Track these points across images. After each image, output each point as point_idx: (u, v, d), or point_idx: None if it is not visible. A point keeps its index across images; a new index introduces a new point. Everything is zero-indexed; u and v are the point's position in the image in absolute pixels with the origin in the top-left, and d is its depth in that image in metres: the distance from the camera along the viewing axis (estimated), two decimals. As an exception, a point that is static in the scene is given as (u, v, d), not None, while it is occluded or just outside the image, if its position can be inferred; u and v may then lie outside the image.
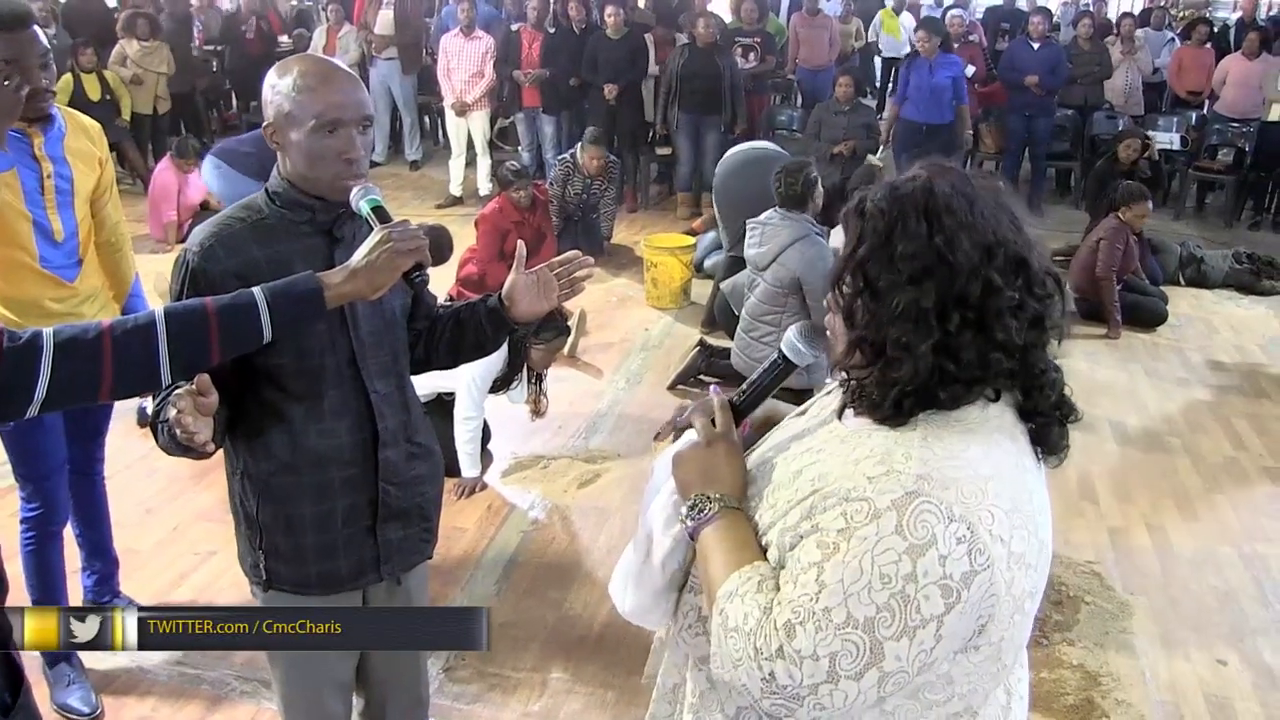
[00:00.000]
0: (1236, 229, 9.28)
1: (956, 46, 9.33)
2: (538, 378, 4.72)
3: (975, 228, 1.28)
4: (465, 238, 6.70)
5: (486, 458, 4.72)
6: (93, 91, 8.79)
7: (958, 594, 1.20)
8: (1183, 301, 7.33)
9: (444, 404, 4.45)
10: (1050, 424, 1.36)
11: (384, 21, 9.87)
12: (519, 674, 3.36)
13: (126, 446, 4.50)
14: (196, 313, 1.72)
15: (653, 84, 9.12)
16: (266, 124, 1.95)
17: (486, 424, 4.65)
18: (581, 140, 7.74)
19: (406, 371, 2.18)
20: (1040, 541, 1.29)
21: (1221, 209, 9.63)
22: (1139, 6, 15.40)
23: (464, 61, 8.97)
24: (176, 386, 1.73)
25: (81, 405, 1.80)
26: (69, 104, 3.60)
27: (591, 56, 8.86)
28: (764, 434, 1.61)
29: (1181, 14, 13.24)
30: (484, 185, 9.25)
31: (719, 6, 11.10)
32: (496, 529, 4.26)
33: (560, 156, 8.06)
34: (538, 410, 4.78)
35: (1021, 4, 13.06)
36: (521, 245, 2.17)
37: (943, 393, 1.29)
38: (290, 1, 12.89)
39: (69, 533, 3.20)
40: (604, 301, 6.96)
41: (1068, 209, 9.46)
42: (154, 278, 5.13)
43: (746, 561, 1.34)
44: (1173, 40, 10.85)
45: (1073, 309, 6.70)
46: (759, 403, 1.56)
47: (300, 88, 1.88)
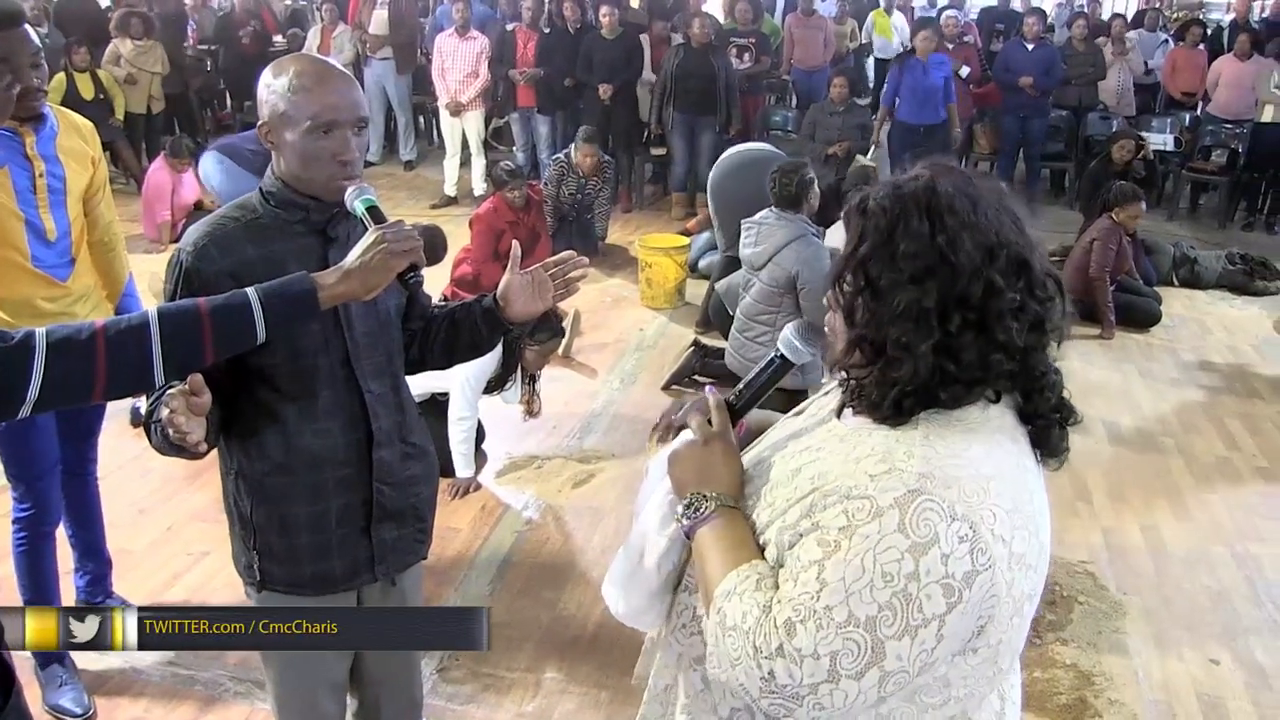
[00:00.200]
0: (1230, 230, 9.31)
1: (951, 47, 9.34)
2: (531, 378, 4.72)
3: (978, 228, 1.27)
4: (460, 238, 6.71)
5: (481, 458, 4.71)
6: (86, 91, 8.77)
7: (959, 593, 1.19)
8: (1176, 302, 7.35)
9: (438, 404, 4.45)
10: (1050, 426, 1.35)
11: (379, 21, 9.86)
12: (513, 674, 3.36)
13: (120, 447, 4.49)
14: (190, 313, 1.71)
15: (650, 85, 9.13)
16: (261, 123, 1.95)
17: (481, 424, 4.65)
18: (575, 139, 7.74)
19: (401, 372, 2.18)
20: (1040, 543, 1.28)
21: (1215, 210, 9.65)
22: (1133, 8, 15.44)
23: (459, 61, 8.96)
24: (170, 386, 1.72)
25: (74, 406, 1.80)
26: (62, 103, 3.59)
27: (586, 56, 8.86)
28: (758, 437, 1.60)
29: (1175, 15, 13.27)
30: (479, 185, 9.24)
31: (713, 7, 11.10)
32: (490, 529, 4.25)
33: (555, 156, 8.06)
34: (531, 410, 4.77)
35: (1016, 5, 13.06)
36: (516, 245, 2.16)
37: (943, 393, 1.29)
38: (285, 1, 12.86)
39: (61, 533, 3.19)
40: (598, 302, 6.95)
41: (1062, 210, 9.47)
42: (148, 277, 5.11)
43: (744, 560, 1.33)
44: (1166, 42, 10.87)
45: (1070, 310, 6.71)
46: (756, 402, 1.55)
47: (295, 88, 1.88)
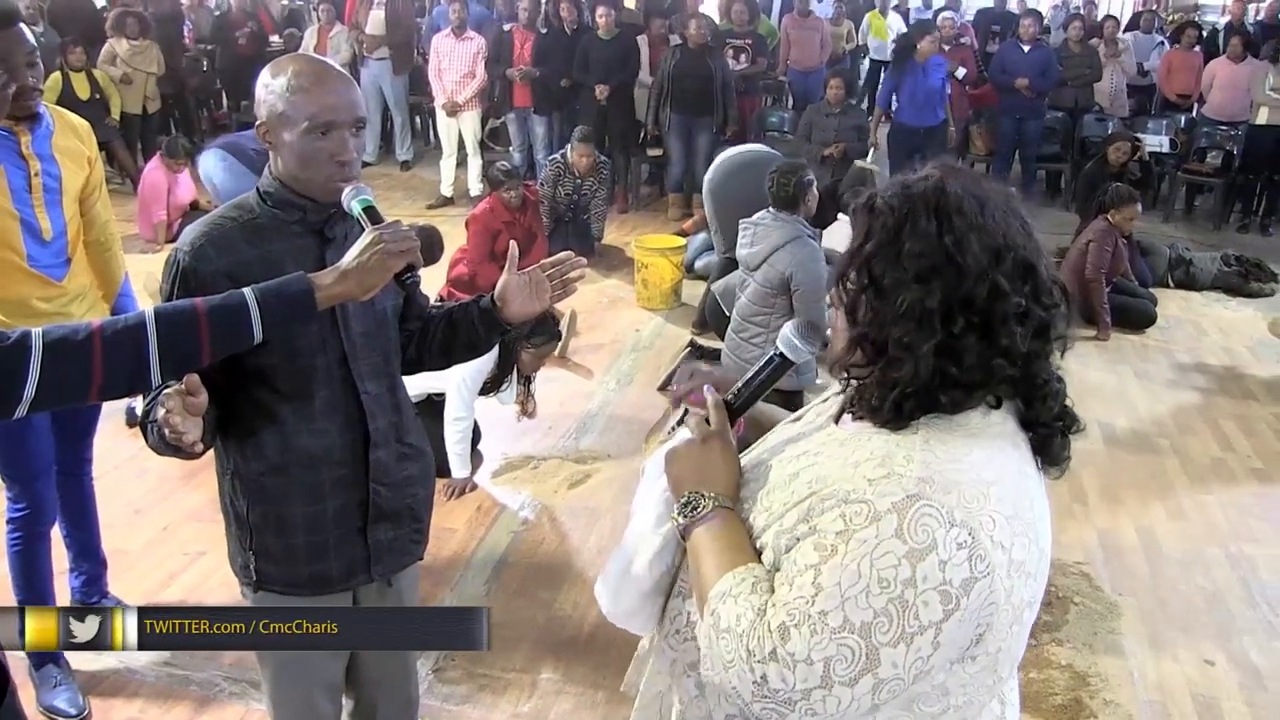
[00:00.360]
0: (1225, 231, 9.33)
1: (947, 49, 9.36)
2: (526, 379, 4.72)
3: (985, 230, 1.26)
4: (456, 238, 6.71)
5: (477, 458, 4.71)
6: (81, 90, 8.75)
7: (957, 601, 1.17)
8: (1171, 303, 7.36)
9: (434, 404, 4.44)
10: (1052, 435, 1.34)
11: (375, 21, 9.85)
12: (509, 675, 3.36)
13: (115, 447, 4.48)
14: (187, 313, 1.71)
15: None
16: (259, 123, 1.95)
17: (477, 424, 4.65)
18: (571, 139, 7.74)
19: (398, 372, 2.18)
20: (1040, 550, 1.27)
21: (1210, 211, 9.67)
22: (1129, 10, 15.46)
23: (455, 62, 8.96)
24: (166, 386, 1.72)
25: (71, 406, 1.79)
26: (58, 103, 3.59)
27: (583, 57, 8.85)
28: (760, 436, 1.59)
29: (1171, 18, 13.29)
30: (475, 186, 9.23)
31: (708, 8, 11.10)
32: (486, 529, 4.25)
33: (551, 157, 8.06)
34: (526, 411, 4.77)
35: (1012, 6, 13.08)
36: (514, 246, 2.16)
37: (943, 396, 1.27)
38: (281, 1, 12.85)
39: (56, 534, 3.19)
40: (595, 302, 6.96)
41: (1058, 211, 9.48)
42: (144, 277, 5.11)
43: (740, 562, 1.31)
44: (1162, 43, 10.89)
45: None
46: (754, 401, 1.54)
47: (294, 88, 1.88)
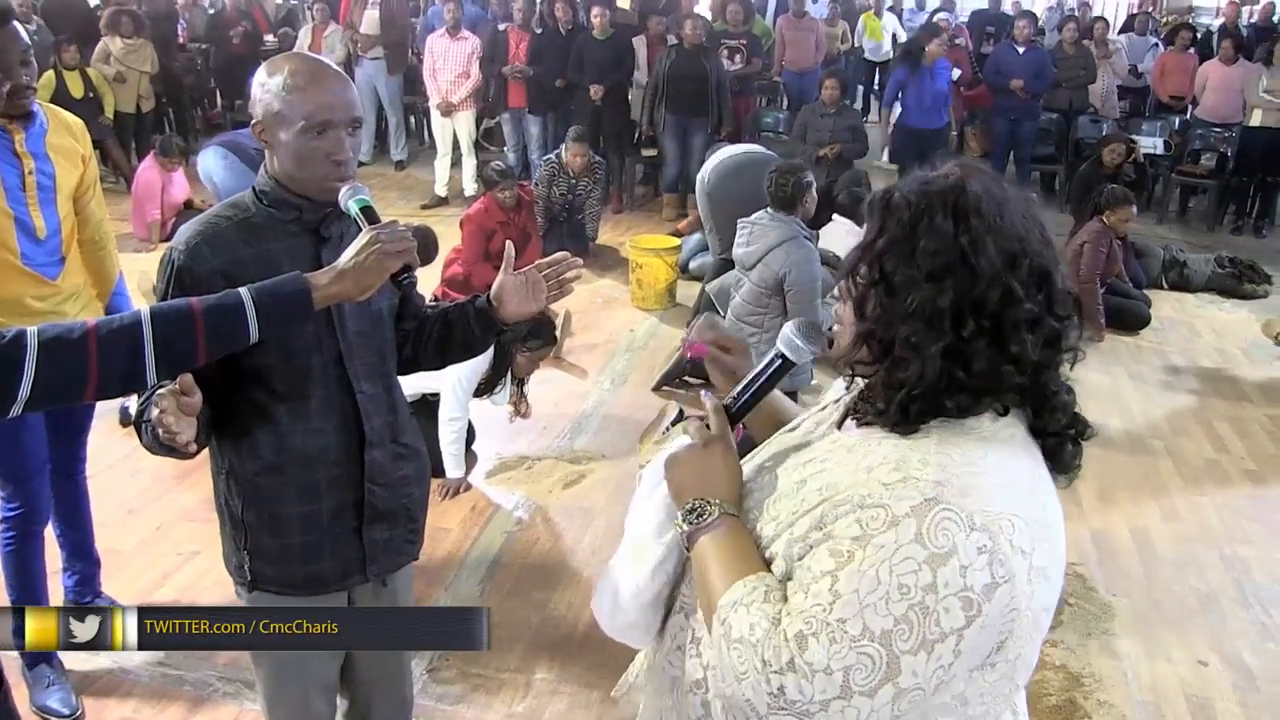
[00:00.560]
0: (1219, 233, 9.35)
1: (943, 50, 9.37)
2: (520, 381, 4.72)
3: (1003, 233, 1.23)
4: (450, 238, 6.70)
5: (471, 458, 4.71)
6: (75, 89, 8.73)
7: (979, 607, 1.14)
8: (1165, 305, 7.38)
9: (428, 404, 4.44)
10: (1063, 442, 1.32)
11: (369, 21, 9.84)
12: (503, 674, 3.36)
13: (109, 446, 4.48)
14: (183, 313, 1.71)
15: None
16: (255, 122, 1.94)
17: (471, 425, 4.64)
18: (565, 139, 7.75)
19: (393, 372, 2.18)
20: (1057, 555, 1.24)
21: (1204, 213, 9.70)
22: (1123, 11, 15.50)
23: (450, 62, 8.95)
24: (160, 385, 1.72)
25: (66, 405, 1.79)
26: (51, 101, 3.58)
27: (577, 57, 8.86)
28: (770, 434, 1.56)
29: (1165, 19, 13.33)
30: (469, 186, 9.23)
31: (700, 7, 11.11)
32: (481, 529, 4.25)
33: (545, 157, 8.05)
34: (519, 412, 4.77)
35: (1007, 8, 13.11)
36: (510, 246, 2.16)
37: (950, 401, 1.24)
38: (276, 0, 12.84)
39: (50, 533, 3.18)
40: (589, 302, 6.95)
41: (1052, 212, 9.45)
42: (137, 276, 5.11)
43: (749, 571, 1.28)
44: (1156, 45, 10.91)
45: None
46: (755, 404, 1.49)
47: (290, 87, 1.88)
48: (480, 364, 4.27)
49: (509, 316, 2.11)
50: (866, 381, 1.34)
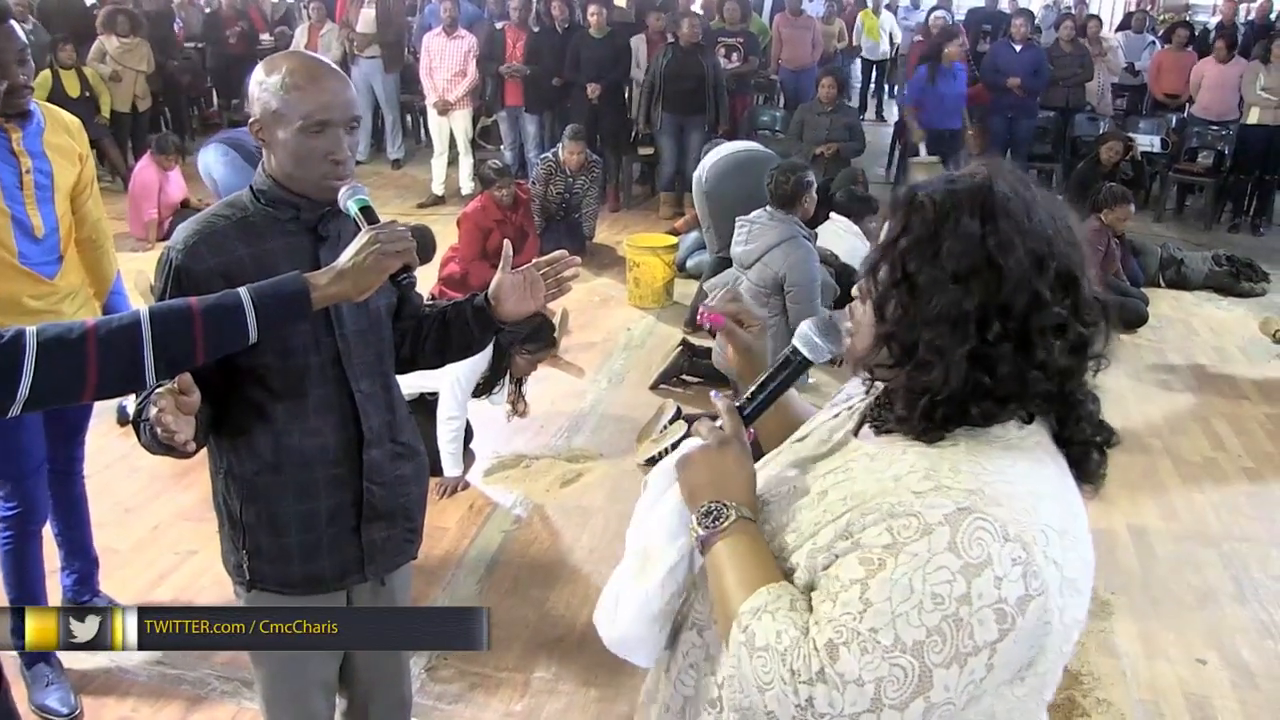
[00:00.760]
0: (1216, 231, 9.36)
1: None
2: (518, 381, 4.71)
3: (1031, 235, 1.20)
4: (447, 237, 6.70)
5: (469, 457, 4.71)
6: (72, 88, 8.72)
7: (1013, 620, 1.11)
8: (1163, 303, 7.38)
9: (426, 403, 4.43)
10: (1089, 450, 1.29)
11: (366, 20, 9.84)
12: (501, 673, 3.36)
13: (106, 445, 4.47)
14: (181, 313, 1.70)
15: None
16: (253, 120, 1.94)
17: (469, 423, 4.64)
18: (562, 137, 7.75)
19: (391, 371, 2.17)
20: (1088, 566, 1.21)
21: (1201, 211, 9.70)
22: (1120, 9, 15.50)
23: (446, 60, 8.96)
24: (159, 385, 1.71)
25: (65, 405, 1.79)
26: (47, 100, 3.57)
27: (574, 55, 8.86)
28: (781, 433, 1.53)
29: (1162, 17, 13.33)
30: (466, 184, 9.23)
31: (693, 6, 11.11)
32: (478, 528, 4.25)
33: (543, 156, 8.05)
34: (517, 411, 4.77)
35: (1003, 6, 13.11)
36: (508, 244, 2.16)
37: (975, 408, 1.21)
38: (272, -1, 12.85)
39: (48, 532, 3.17)
40: (586, 301, 6.95)
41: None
42: (134, 275, 5.09)
43: (769, 579, 1.23)
44: (1153, 43, 10.92)
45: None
46: (769, 405, 1.43)
47: (288, 86, 1.87)
48: (479, 363, 4.27)
49: (507, 315, 2.11)
50: (885, 387, 1.31)
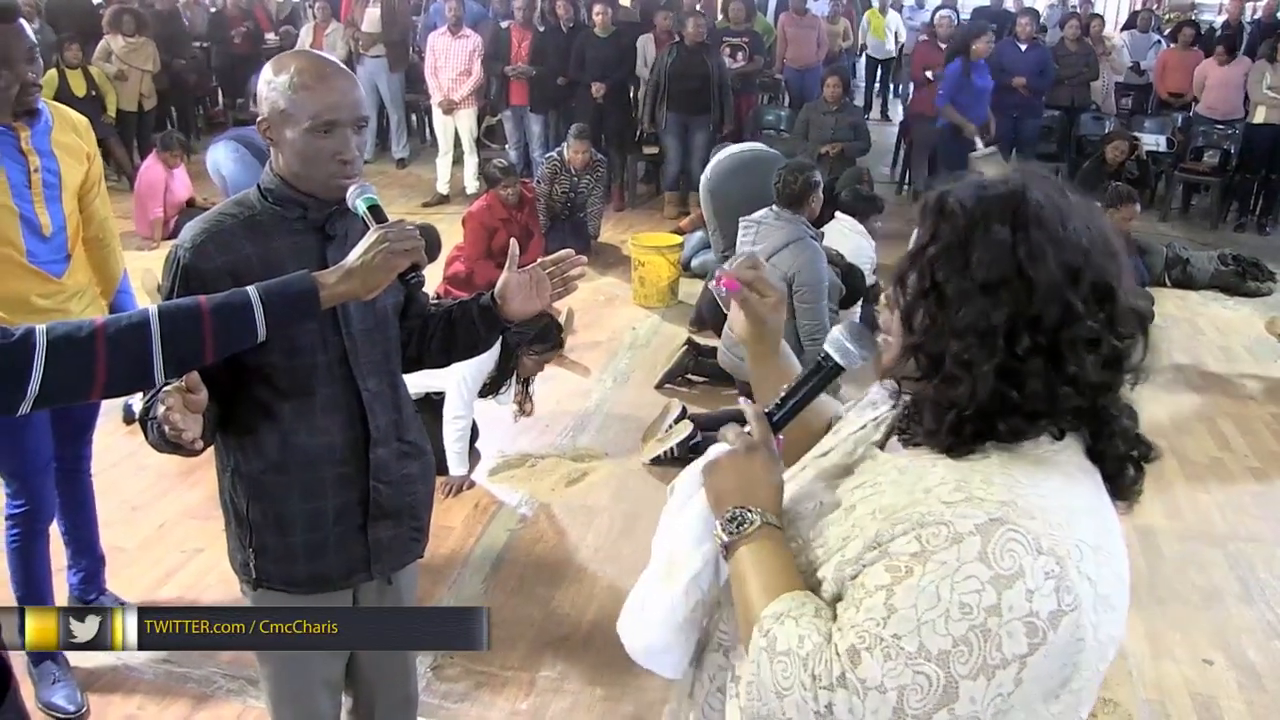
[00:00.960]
0: (1222, 230, 9.35)
1: (945, 47, 9.36)
2: (525, 381, 4.72)
3: (1065, 245, 1.15)
4: (452, 236, 6.70)
5: (474, 456, 4.71)
6: (78, 87, 8.73)
7: (1043, 635, 1.07)
8: (1169, 303, 7.37)
9: (432, 403, 4.44)
10: (1124, 465, 1.24)
11: (371, 19, 9.84)
12: (506, 672, 3.36)
13: (113, 444, 4.48)
14: (190, 312, 1.71)
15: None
16: (261, 119, 1.94)
17: (475, 422, 4.64)
18: (567, 136, 7.75)
19: (398, 370, 2.17)
20: (1123, 582, 1.18)
21: (1207, 210, 9.69)
22: (1125, 8, 15.48)
23: (451, 59, 8.95)
24: (167, 383, 1.72)
25: (73, 403, 1.79)
26: (54, 100, 3.58)
27: (579, 55, 8.86)
28: (810, 435, 1.50)
29: (1167, 16, 13.31)
30: (471, 183, 9.23)
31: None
32: (484, 527, 4.25)
33: (548, 155, 8.05)
34: (524, 410, 4.77)
35: (1009, 5, 13.10)
36: (514, 243, 2.16)
37: (1002, 424, 1.18)
38: (277, -1, 12.86)
39: (54, 530, 3.18)
40: (591, 300, 6.95)
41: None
42: (140, 274, 5.10)
43: (792, 586, 1.22)
44: (1159, 42, 10.90)
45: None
46: (798, 412, 1.39)
47: (296, 86, 1.88)
48: (486, 363, 4.27)
49: (513, 314, 2.11)
50: (912, 398, 1.28)
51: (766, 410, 1.38)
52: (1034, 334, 1.15)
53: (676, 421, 4.83)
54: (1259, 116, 8.94)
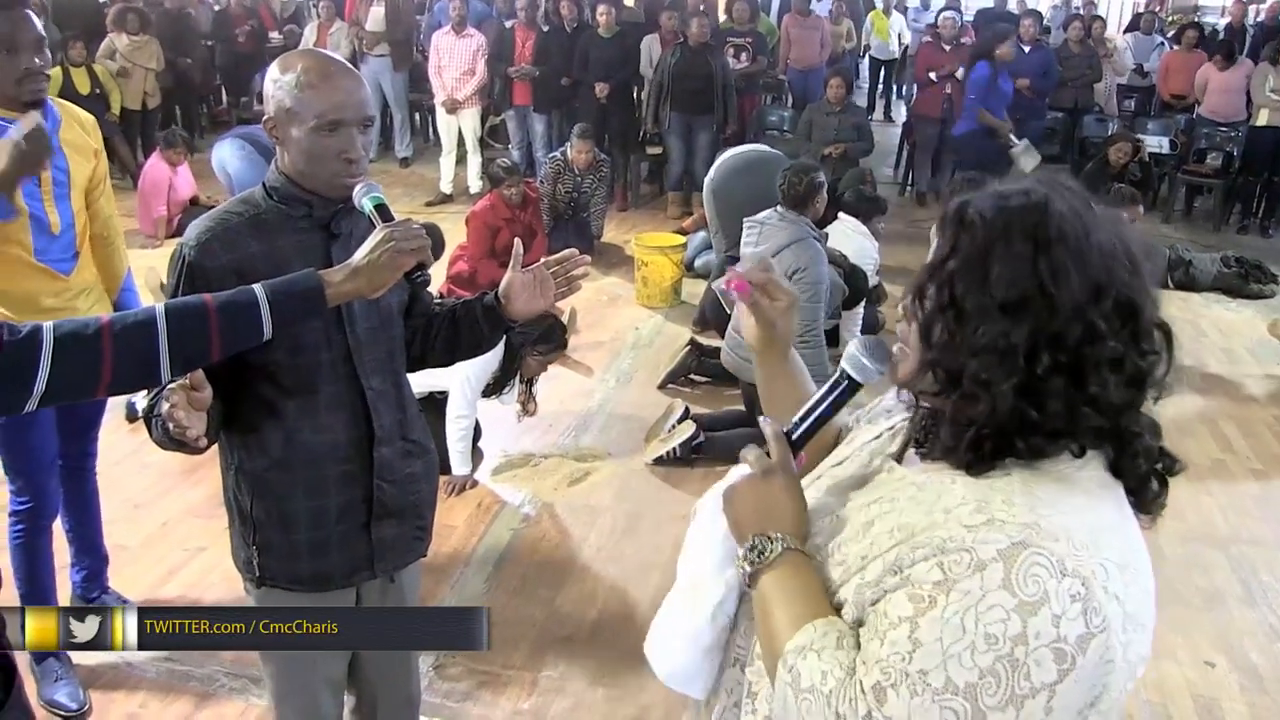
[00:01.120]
0: (1224, 232, 9.34)
1: (949, 49, 9.36)
2: (529, 381, 4.72)
3: (1088, 262, 1.12)
4: (455, 235, 6.71)
5: (477, 455, 4.71)
6: (82, 85, 8.73)
7: (1072, 659, 1.04)
8: (1171, 304, 7.16)
9: (436, 402, 4.44)
10: (1147, 481, 1.21)
11: (375, 18, 9.85)
12: (509, 672, 3.36)
13: (116, 442, 4.48)
14: (197, 310, 1.71)
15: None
16: (267, 118, 1.95)
17: (478, 422, 4.65)
18: (571, 136, 7.75)
19: (402, 369, 2.18)
20: (1150, 600, 1.15)
21: (1210, 213, 9.68)
22: (1129, 10, 15.48)
23: (455, 59, 8.96)
24: (172, 381, 1.72)
25: (79, 400, 1.79)
26: (57, 98, 3.59)
27: (583, 55, 8.86)
28: (827, 454, 1.47)
29: (1171, 18, 13.31)
30: (474, 183, 9.24)
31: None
32: (486, 526, 4.25)
33: (551, 155, 8.06)
34: (527, 410, 4.78)
35: (1012, 6, 13.09)
36: (518, 243, 2.17)
37: (1021, 442, 1.15)
38: (282, -3, 12.86)
39: (57, 528, 3.18)
40: (594, 300, 6.95)
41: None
42: (144, 273, 5.11)
43: (816, 613, 1.19)
44: (1162, 44, 10.89)
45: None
46: (817, 430, 1.36)
47: (303, 85, 1.88)
48: (489, 363, 4.28)
49: (517, 314, 2.11)
50: (930, 412, 1.26)
51: (785, 430, 1.35)
52: (1055, 353, 1.12)
53: (679, 422, 4.84)
54: (1262, 119, 8.93)
